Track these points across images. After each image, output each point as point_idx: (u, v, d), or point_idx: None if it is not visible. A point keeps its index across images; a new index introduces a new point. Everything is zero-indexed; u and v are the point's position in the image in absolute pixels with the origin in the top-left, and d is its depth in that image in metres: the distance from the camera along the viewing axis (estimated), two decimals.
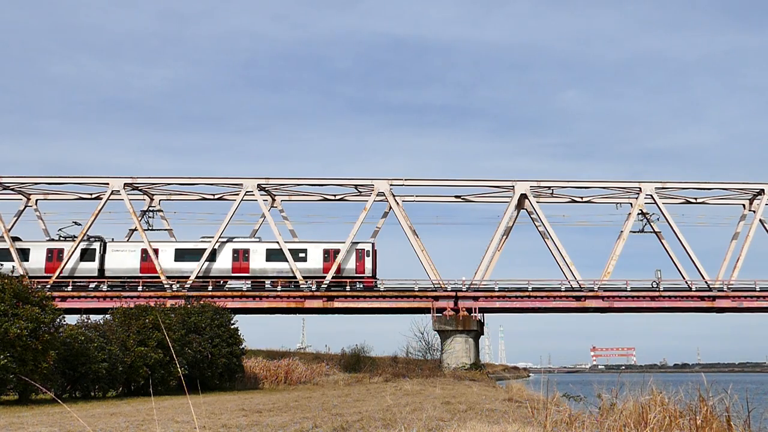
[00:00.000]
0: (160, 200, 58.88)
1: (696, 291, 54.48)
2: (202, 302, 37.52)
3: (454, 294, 53.07)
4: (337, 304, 53.24)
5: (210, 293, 51.27)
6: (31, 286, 25.16)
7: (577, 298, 53.82)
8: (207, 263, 53.41)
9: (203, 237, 54.96)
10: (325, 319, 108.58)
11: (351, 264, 54.08)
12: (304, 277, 53.05)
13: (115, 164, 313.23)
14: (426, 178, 57.62)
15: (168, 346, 29.12)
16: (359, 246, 54.52)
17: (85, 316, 30.47)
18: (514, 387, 28.55)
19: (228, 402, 22.96)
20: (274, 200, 59.01)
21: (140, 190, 57.50)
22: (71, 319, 28.73)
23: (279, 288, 53.00)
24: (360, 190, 56.82)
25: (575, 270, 53.94)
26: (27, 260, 52.98)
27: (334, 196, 59.18)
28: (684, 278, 55.52)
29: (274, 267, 53.54)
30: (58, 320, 25.43)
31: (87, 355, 26.48)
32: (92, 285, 52.95)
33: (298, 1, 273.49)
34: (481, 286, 53.94)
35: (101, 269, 53.56)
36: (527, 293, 53.64)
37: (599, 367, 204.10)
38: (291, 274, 53.18)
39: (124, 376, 28.83)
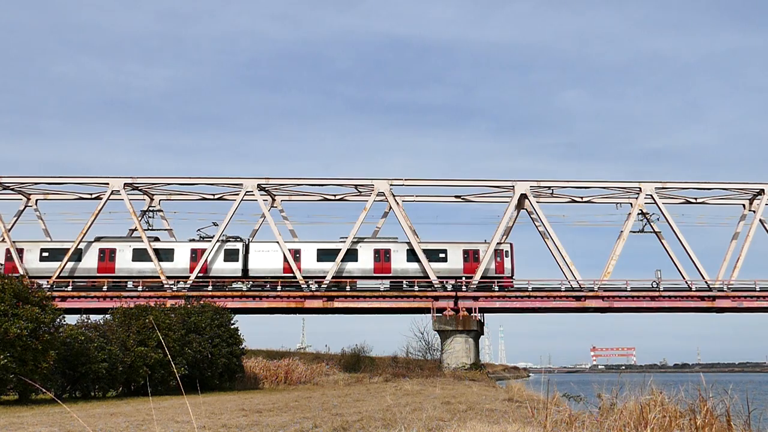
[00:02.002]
0: (160, 200, 58.84)
1: (696, 291, 54.45)
2: (202, 302, 37.52)
3: (454, 294, 53.05)
4: (337, 304, 53.22)
5: (210, 293, 51.27)
6: (30, 286, 25.12)
7: (577, 298, 53.79)
8: (350, 263, 53.48)
9: (342, 237, 55.06)
10: (325, 319, 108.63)
11: (490, 264, 54.16)
12: (443, 278, 53.32)
13: (115, 164, 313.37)
14: (426, 178, 57.58)
15: (167, 346, 29.12)
16: (498, 246, 54.60)
17: (85, 316, 30.48)
18: (514, 387, 28.55)
19: (228, 402, 22.95)
20: (274, 200, 58.98)
21: (140, 190, 57.48)
22: (71, 319, 28.76)
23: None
24: (360, 190, 56.80)
25: (575, 270, 53.93)
26: (171, 260, 53.24)
27: (334, 196, 59.15)
28: (684, 278, 55.50)
29: (415, 267, 53.67)
30: (58, 320, 25.44)
31: (87, 355, 26.49)
32: (235, 285, 53.04)
33: (299, 1, 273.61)
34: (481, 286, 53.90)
35: (245, 269, 53.64)
36: (527, 293, 53.61)
37: (599, 367, 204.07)
38: (439, 274, 53.32)
39: (124, 376, 28.83)
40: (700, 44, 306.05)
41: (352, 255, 53.48)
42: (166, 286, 52.37)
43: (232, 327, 36.19)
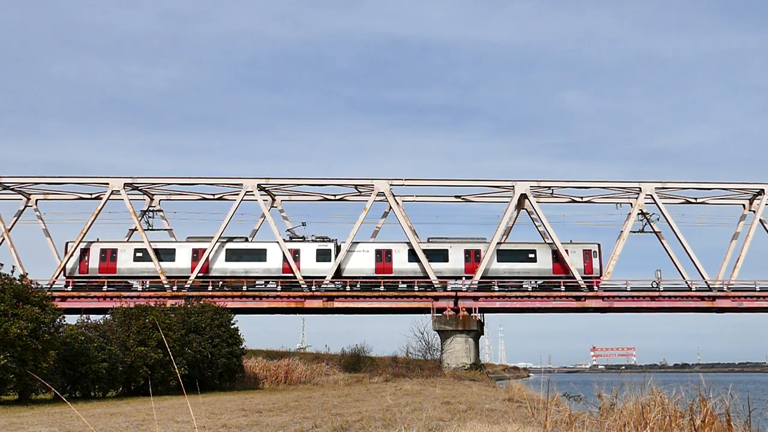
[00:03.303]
0: (160, 200, 58.85)
1: (696, 291, 54.47)
2: (202, 302, 37.52)
3: (454, 294, 53.05)
4: (337, 304, 53.23)
5: (210, 293, 51.29)
6: (31, 287, 25.11)
7: (577, 298, 53.79)
8: (438, 263, 53.62)
9: (430, 238, 55.41)
10: (325, 319, 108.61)
11: (579, 264, 54.40)
12: (532, 278, 53.70)
13: (115, 164, 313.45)
14: (426, 178, 57.59)
15: (168, 346, 29.12)
16: (586, 246, 54.94)
17: (85, 316, 30.49)
18: (514, 387, 28.53)
19: (228, 402, 22.96)
20: (274, 200, 58.99)
21: (140, 190, 57.48)
22: (71, 319, 28.76)
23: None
24: (360, 190, 56.81)
25: (575, 270, 53.91)
26: (264, 261, 53.31)
27: (334, 196, 59.16)
28: (684, 278, 55.52)
29: (505, 268, 54.03)
30: (58, 320, 25.43)
31: (87, 355, 26.49)
32: (329, 285, 53.06)
33: (299, 1, 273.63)
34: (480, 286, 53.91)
35: (338, 269, 53.74)
36: (527, 293, 53.62)
37: (599, 367, 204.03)
38: (521, 275, 53.64)
39: (124, 376, 28.83)
40: (700, 44, 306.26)
41: (441, 255, 53.83)
42: (257, 286, 53.01)
43: (232, 327, 36.18)
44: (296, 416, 16.60)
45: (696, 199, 60.56)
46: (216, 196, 59.25)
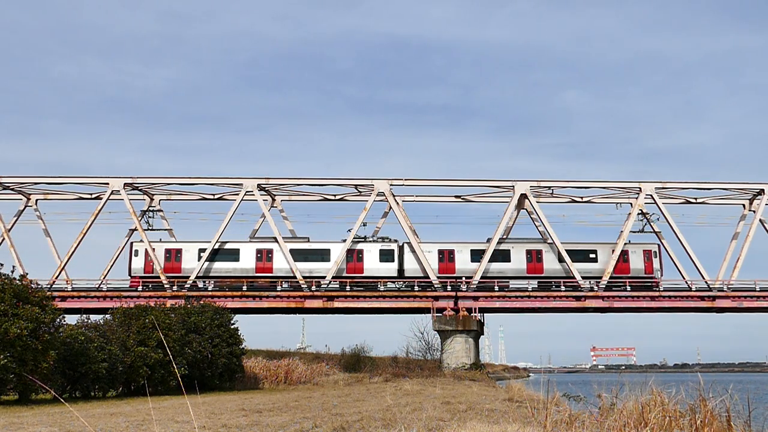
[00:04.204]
0: (160, 200, 58.83)
1: (696, 291, 54.46)
2: (202, 302, 37.51)
3: (454, 294, 53.05)
4: (337, 304, 53.23)
5: (210, 293, 51.29)
6: (30, 287, 25.11)
7: (577, 298, 53.79)
8: (498, 263, 53.84)
9: (490, 239, 55.48)
10: (325, 319, 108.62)
11: (639, 264, 54.60)
12: (593, 278, 53.86)
13: (115, 164, 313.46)
14: (426, 178, 57.56)
15: (168, 346, 29.11)
16: (646, 247, 55.26)
17: (85, 316, 30.48)
18: (514, 387, 28.49)
19: (228, 402, 22.95)
20: (274, 200, 58.98)
21: (140, 190, 57.46)
22: (71, 319, 28.75)
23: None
24: (360, 190, 56.80)
25: (575, 270, 53.89)
26: (327, 260, 53.60)
27: (334, 196, 59.15)
28: (684, 278, 55.53)
29: (563, 268, 54.17)
30: (58, 320, 25.42)
31: (87, 355, 26.48)
32: (390, 285, 53.34)
33: (299, 1, 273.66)
34: (480, 286, 53.90)
35: (400, 270, 53.93)
36: (527, 293, 53.62)
37: (599, 367, 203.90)
38: (581, 275, 53.72)
39: (124, 376, 28.83)
40: (700, 44, 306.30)
41: (503, 256, 54.03)
42: (313, 287, 53.05)
43: (232, 327, 36.18)
44: (296, 416, 16.60)
45: (696, 199, 60.55)
46: (216, 196, 59.24)
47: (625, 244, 55.22)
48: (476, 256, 54.04)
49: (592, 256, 54.88)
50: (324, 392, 29.64)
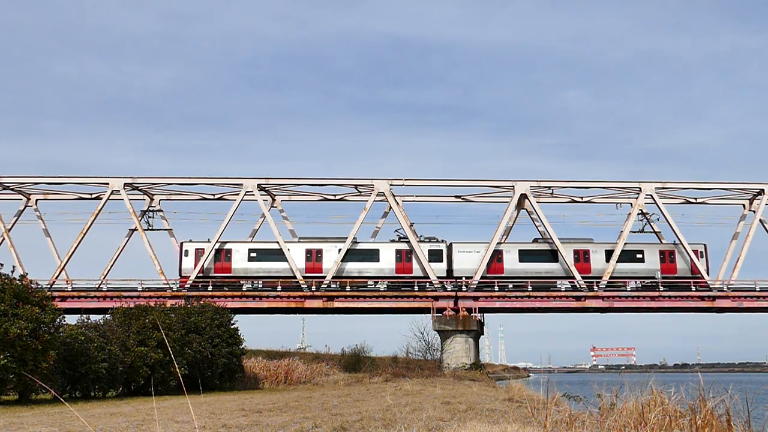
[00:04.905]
0: (160, 200, 58.80)
1: (696, 291, 54.47)
2: (202, 302, 37.51)
3: (454, 294, 53.04)
4: (337, 304, 53.22)
5: (210, 293, 51.29)
6: (30, 287, 25.11)
7: (577, 298, 53.78)
8: (546, 263, 54.20)
9: (537, 239, 56.03)
10: (325, 319, 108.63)
11: (686, 264, 55.05)
12: (640, 278, 54.25)
13: (115, 164, 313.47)
14: (426, 178, 57.57)
15: (168, 346, 29.11)
16: (693, 247, 55.49)
17: (85, 316, 30.47)
18: (514, 387, 28.49)
19: (228, 402, 22.95)
20: (274, 200, 58.98)
21: (140, 190, 57.45)
22: (71, 319, 28.74)
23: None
24: (360, 190, 56.80)
25: (575, 270, 53.90)
26: (378, 261, 53.82)
27: (334, 196, 59.15)
28: (684, 278, 55.52)
29: (618, 268, 54.51)
30: (58, 320, 25.41)
31: (87, 355, 26.48)
32: (438, 285, 53.33)
33: (300, 1, 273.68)
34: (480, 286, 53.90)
35: (449, 269, 54.06)
36: (527, 293, 53.61)
37: (599, 367, 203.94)
38: (628, 275, 54.20)
39: (124, 376, 28.83)
40: (700, 44, 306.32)
41: (552, 255, 54.35)
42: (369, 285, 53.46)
43: (232, 327, 36.18)
44: (296, 416, 16.60)
45: (696, 199, 60.56)
46: (216, 196, 59.23)
47: (672, 244, 55.71)
48: (524, 256, 54.40)
49: (639, 256, 55.20)
50: (324, 392, 29.64)
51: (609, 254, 54.80)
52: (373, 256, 54.12)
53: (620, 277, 54.36)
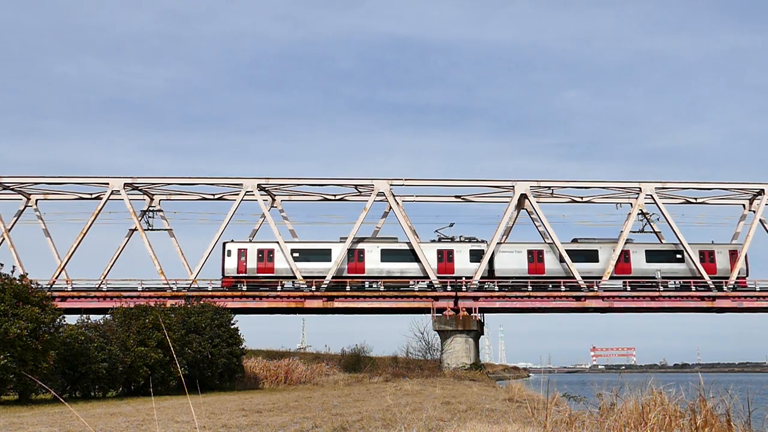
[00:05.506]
0: (160, 200, 58.81)
1: (696, 291, 54.47)
2: (202, 302, 37.50)
3: (454, 294, 53.04)
4: (337, 304, 53.21)
5: (210, 293, 51.28)
6: (30, 287, 25.09)
7: (577, 298, 53.78)
8: (588, 264, 54.37)
9: (577, 239, 56.25)
10: (325, 319, 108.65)
11: (725, 265, 55.36)
12: (682, 278, 54.58)
13: (115, 164, 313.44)
14: (426, 178, 57.59)
15: (168, 346, 29.09)
16: (731, 247, 56.14)
17: (85, 316, 30.46)
18: (514, 387, 28.50)
19: (228, 402, 22.95)
20: (274, 200, 58.98)
21: (140, 190, 57.45)
22: (71, 319, 28.73)
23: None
24: (360, 190, 56.79)
25: (575, 270, 53.89)
26: (417, 261, 53.84)
27: (334, 196, 59.16)
28: (684, 278, 55.52)
29: (655, 268, 54.78)
30: (58, 320, 25.40)
31: (87, 355, 26.47)
32: (477, 285, 53.41)
33: (300, 1, 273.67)
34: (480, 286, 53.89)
35: (491, 270, 54.18)
36: (527, 293, 53.61)
37: (599, 367, 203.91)
38: (668, 275, 54.45)
39: (124, 376, 28.81)
40: (700, 44, 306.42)
41: (590, 256, 54.56)
42: (412, 285, 53.37)
43: (232, 327, 36.16)
44: (296, 416, 16.60)
45: (696, 199, 60.58)
46: (216, 196, 59.23)
47: (711, 244, 55.98)
48: (571, 256, 54.47)
49: (678, 257, 55.41)
50: (324, 392, 29.63)
51: (649, 254, 55.18)
52: (414, 256, 54.11)
53: (670, 277, 54.51)
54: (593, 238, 56.70)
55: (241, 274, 53.59)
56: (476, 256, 54.32)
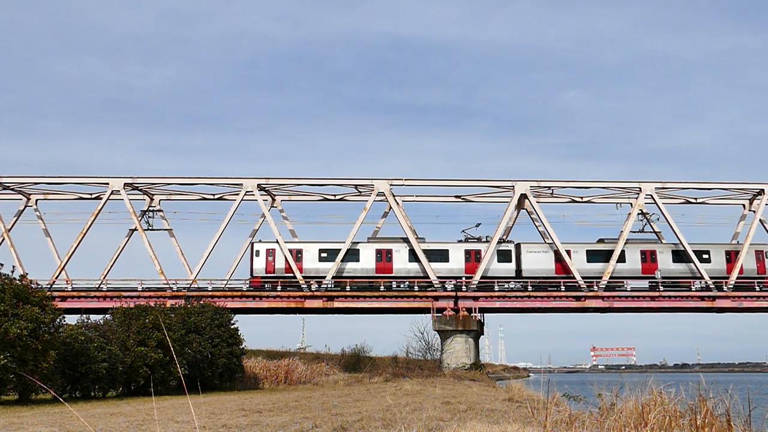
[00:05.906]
0: (160, 200, 58.80)
1: (696, 291, 54.47)
2: (202, 302, 37.50)
3: (454, 294, 53.03)
4: (337, 304, 53.20)
5: (210, 293, 51.28)
6: (30, 287, 25.09)
7: (577, 298, 53.77)
8: (618, 264, 54.50)
9: (604, 239, 56.41)
10: (325, 319, 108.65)
11: (751, 265, 55.43)
12: (710, 278, 54.49)
13: (115, 164, 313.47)
14: (426, 178, 57.56)
15: (168, 346, 29.09)
16: (758, 247, 56.12)
17: (85, 316, 30.47)
18: (514, 387, 28.48)
19: (228, 402, 22.95)
20: (274, 200, 58.97)
21: (140, 190, 57.44)
22: (71, 319, 28.74)
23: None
24: (360, 190, 56.79)
25: (575, 270, 53.89)
26: (448, 261, 53.97)
27: (334, 196, 59.15)
28: (684, 278, 55.51)
29: (681, 268, 55.03)
30: (58, 320, 25.40)
31: (87, 355, 26.47)
32: (509, 285, 53.75)
33: (300, 1, 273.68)
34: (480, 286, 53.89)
35: (518, 270, 54.32)
36: (527, 293, 53.60)
37: (599, 367, 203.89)
38: (698, 275, 54.42)
39: (124, 376, 28.82)
40: (700, 44, 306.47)
41: (619, 256, 54.51)
42: (437, 286, 53.08)
43: (232, 327, 36.16)
44: (296, 416, 16.60)
45: (696, 199, 60.57)
46: (216, 196, 59.22)
47: (737, 244, 56.26)
48: (591, 256, 54.64)
49: (705, 256, 55.42)
50: (324, 392, 29.63)
51: (676, 255, 55.20)
52: (443, 256, 54.17)
53: (685, 278, 54.59)
54: (615, 239, 56.39)
55: (269, 275, 53.58)
56: (504, 256, 54.36)
